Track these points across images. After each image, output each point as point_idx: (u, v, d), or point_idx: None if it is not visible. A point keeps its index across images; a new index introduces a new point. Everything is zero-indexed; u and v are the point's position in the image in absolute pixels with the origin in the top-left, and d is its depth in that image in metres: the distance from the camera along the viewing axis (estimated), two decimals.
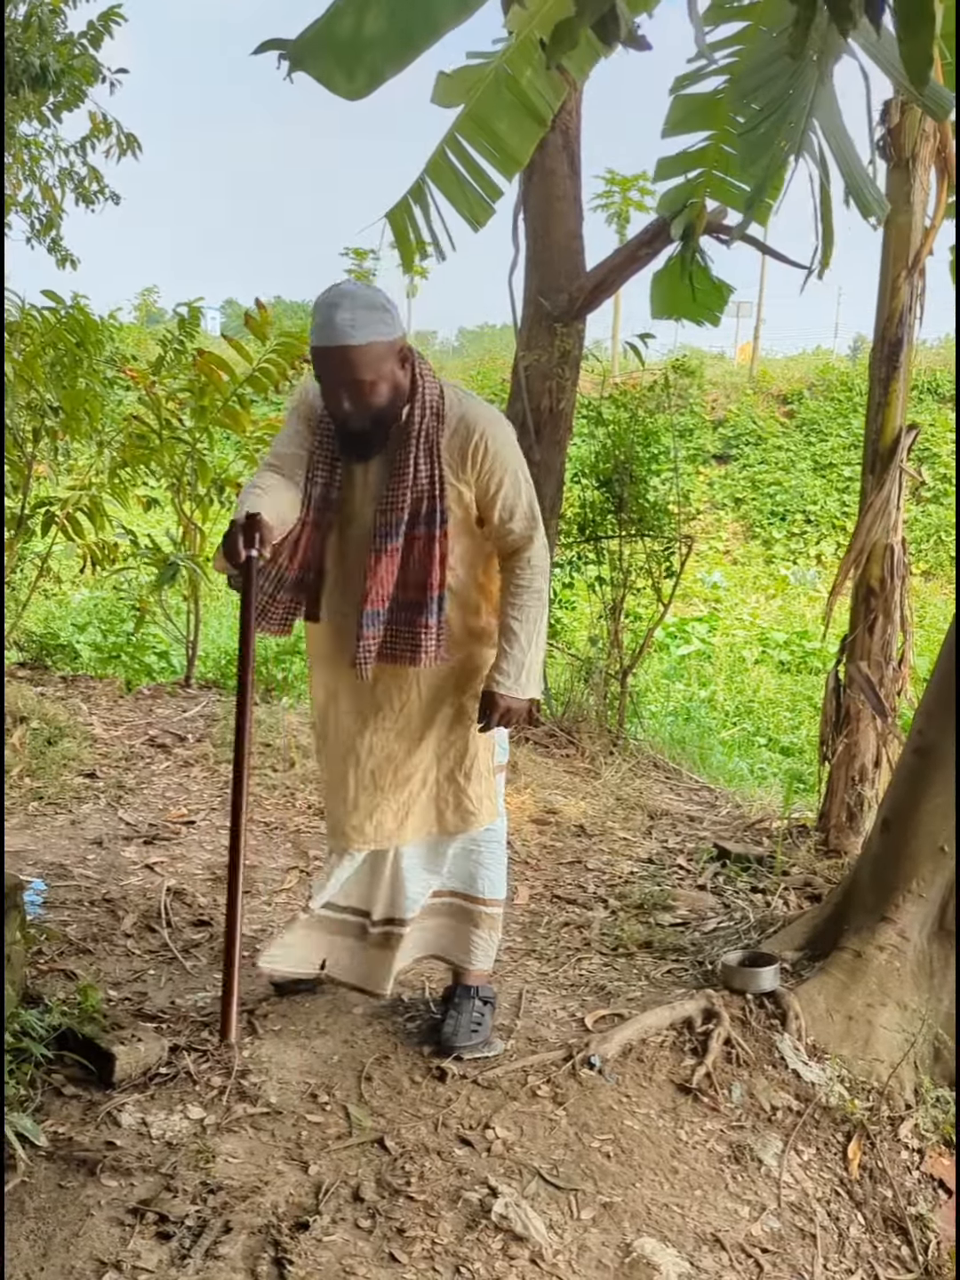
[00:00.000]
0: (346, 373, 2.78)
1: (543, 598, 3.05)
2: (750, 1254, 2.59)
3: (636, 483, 6.38)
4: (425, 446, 2.90)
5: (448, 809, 3.15)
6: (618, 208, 24.07)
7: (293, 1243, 2.42)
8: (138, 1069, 2.95)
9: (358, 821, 3.13)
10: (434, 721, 3.11)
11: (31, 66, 8.95)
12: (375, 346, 2.76)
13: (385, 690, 3.07)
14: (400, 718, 3.10)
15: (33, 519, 6.80)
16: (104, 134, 10.46)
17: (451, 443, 2.92)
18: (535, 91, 4.60)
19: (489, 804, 3.18)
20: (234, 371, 6.60)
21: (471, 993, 3.30)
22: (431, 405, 2.91)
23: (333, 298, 2.76)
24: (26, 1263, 2.33)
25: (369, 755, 3.11)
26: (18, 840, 4.47)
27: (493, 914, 3.29)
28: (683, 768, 6.22)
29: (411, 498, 2.91)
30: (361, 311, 2.73)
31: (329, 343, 2.75)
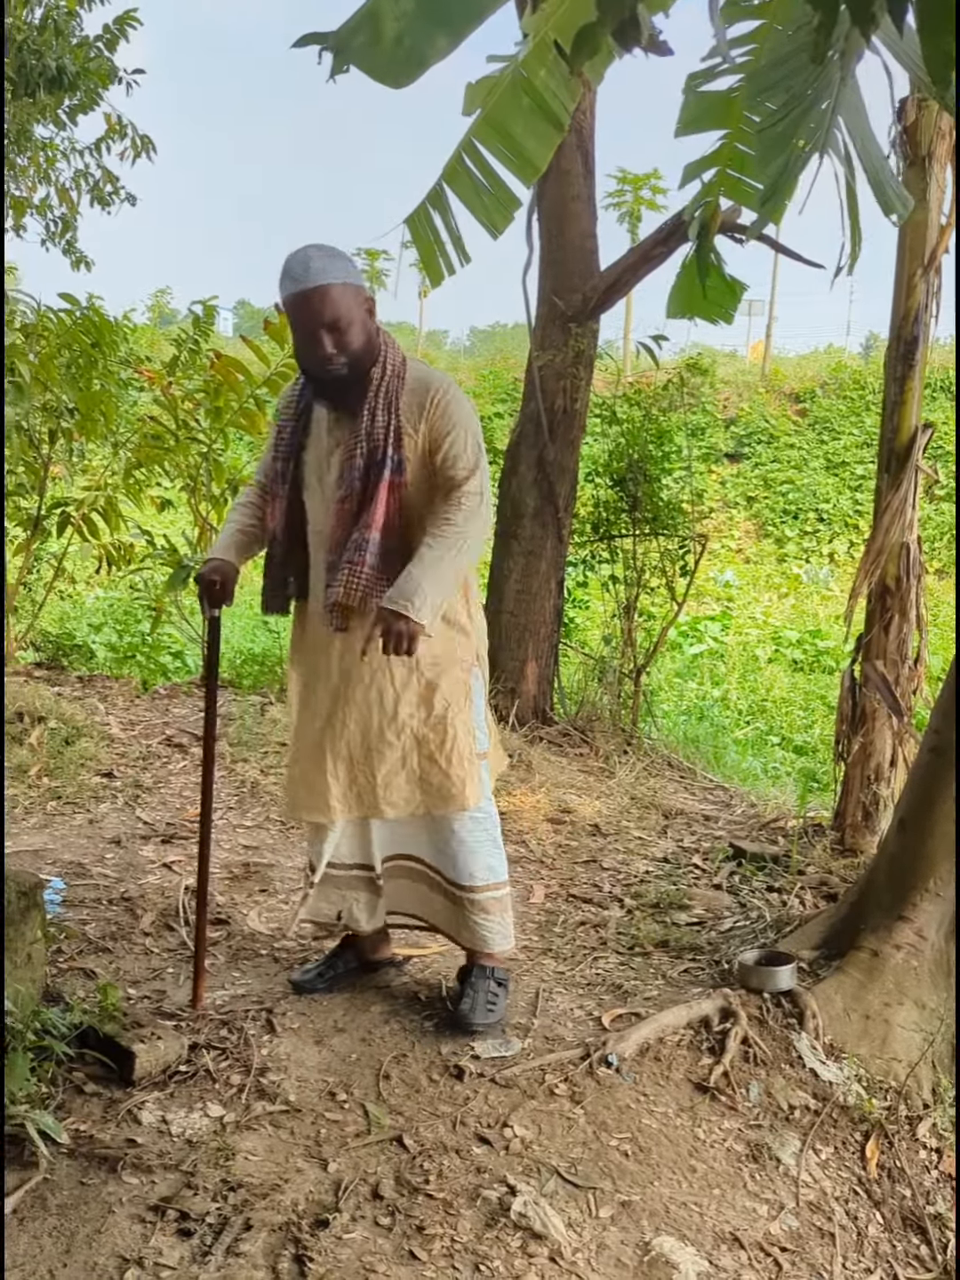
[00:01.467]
0: (328, 311, 2.93)
1: (464, 537, 3.01)
2: (769, 1253, 2.59)
3: (650, 481, 6.38)
4: (385, 401, 3.04)
5: (431, 789, 3.19)
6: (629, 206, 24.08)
7: (313, 1240, 2.43)
8: (158, 1067, 2.96)
9: (339, 791, 3.19)
10: (405, 699, 3.16)
11: (48, 69, 8.99)
12: (349, 288, 2.96)
13: (354, 660, 3.12)
14: (371, 688, 3.14)
15: (48, 519, 6.83)
16: (119, 136, 10.50)
17: (410, 400, 3.06)
18: (551, 94, 4.59)
19: (473, 786, 3.20)
20: (250, 373, 6.62)
21: (486, 972, 3.37)
22: (394, 367, 3.08)
23: (302, 252, 2.96)
24: (50, 1259, 2.34)
25: (343, 728, 3.17)
26: (37, 839, 4.49)
27: (496, 898, 3.32)
28: (697, 767, 6.22)
29: (368, 446, 3.03)
30: (331, 259, 2.95)
31: (307, 284, 2.92)
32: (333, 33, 3.27)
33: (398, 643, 2.92)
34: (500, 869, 3.33)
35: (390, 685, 3.14)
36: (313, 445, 3.18)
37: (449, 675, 3.17)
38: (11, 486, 6.89)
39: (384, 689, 3.15)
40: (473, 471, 3.06)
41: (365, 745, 3.17)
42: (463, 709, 3.20)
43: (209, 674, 3.36)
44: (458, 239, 4.91)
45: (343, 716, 3.16)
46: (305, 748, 3.27)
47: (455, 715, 3.18)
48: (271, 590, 3.27)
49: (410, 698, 3.15)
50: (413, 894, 3.44)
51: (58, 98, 9.75)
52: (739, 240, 5.53)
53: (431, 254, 4.89)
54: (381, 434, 3.02)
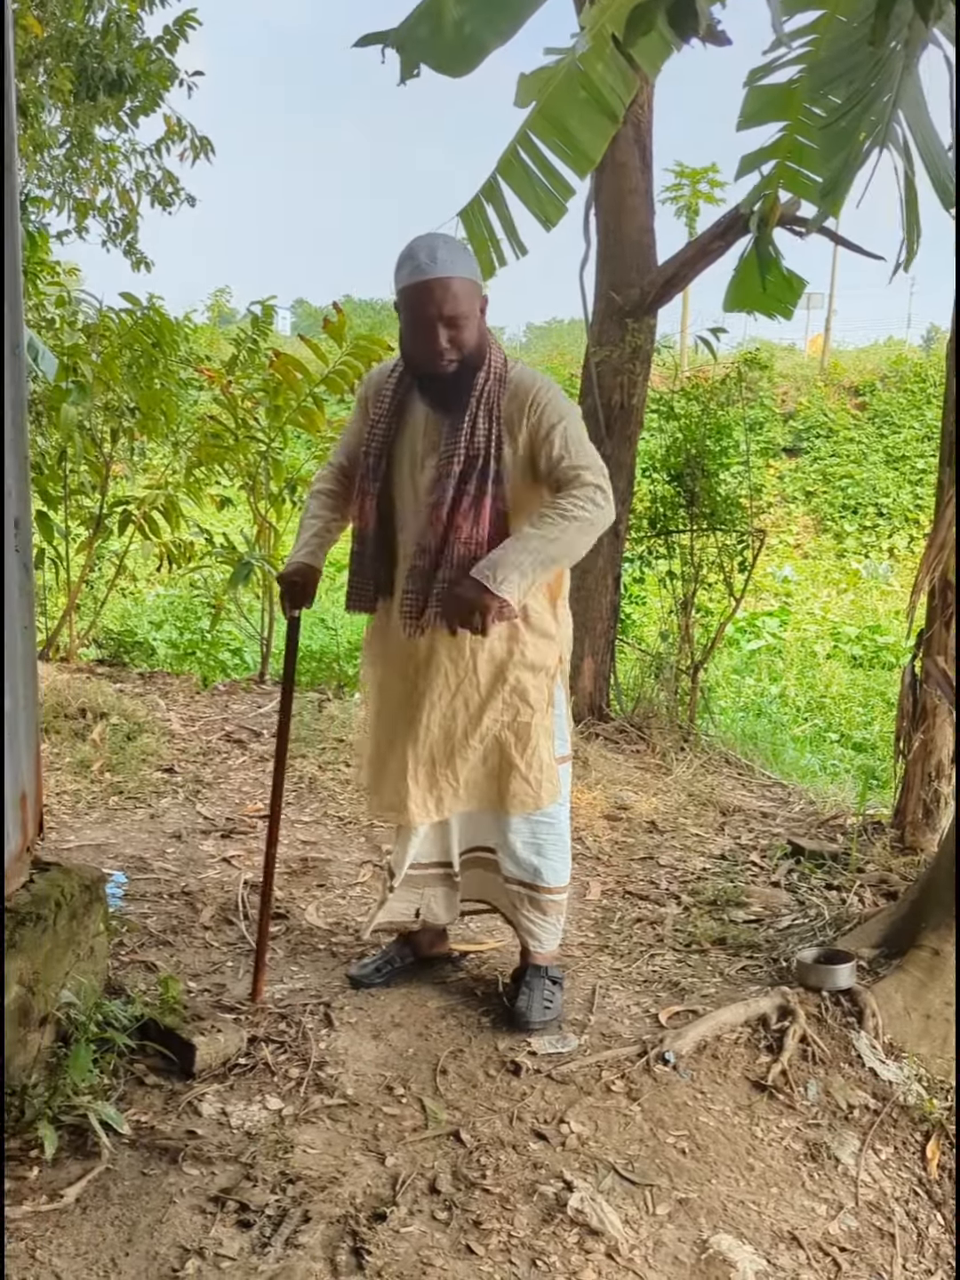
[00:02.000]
0: (448, 305, 2.85)
1: (570, 525, 2.88)
2: (828, 1252, 2.57)
3: (707, 476, 6.35)
4: (487, 407, 2.96)
5: (508, 789, 3.19)
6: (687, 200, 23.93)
7: (371, 1233, 2.45)
8: (217, 1059, 2.99)
9: (419, 795, 3.18)
10: (491, 704, 3.14)
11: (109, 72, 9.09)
12: (470, 284, 2.88)
13: (439, 665, 3.10)
14: (457, 695, 3.12)
15: (110, 518, 6.92)
16: (178, 137, 10.60)
17: (510, 405, 2.98)
18: (607, 87, 4.58)
19: (550, 787, 3.21)
20: (309, 372, 6.66)
21: (541, 972, 3.38)
22: (496, 370, 2.98)
23: (427, 240, 2.87)
24: (112, 1248, 2.38)
25: (427, 732, 3.15)
26: (99, 834, 4.55)
27: (559, 901, 3.35)
28: (755, 764, 6.18)
29: (467, 454, 2.95)
30: (458, 251, 2.88)
31: (431, 274, 2.82)
32: (393, 30, 3.29)
33: (469, 613, 2.84)
34: (563, 873, 3.33)
35: (476, 691, 3.12)
36: (406, 442, 3.10)
37: (534, 680, 3.14)
38: (74, 485, 6.99)
39: (469, 695, 3.12)
40: (587, 465, 2.95)
41: (448, 749, 3.16)
42: (545, 714, 3.19)
43: (286, 673, 3.37)
44: (512, 231, 4.92)
45: (425, 720, 3.14)
46: (384, 748, 3.26)
47: (538, 721, 3.17)
48: (359, 589, 3.19)
49: (496, 703, 3.13)
50: (484, 882, 3.46)
51: (119, 100, 9.87)
52: (798, 233, 5.48)
53: (484, 247, 4.89)
54: (483, 443, 2.95)
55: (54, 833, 4.49)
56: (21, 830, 2.95)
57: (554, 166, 4.78)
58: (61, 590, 7.35)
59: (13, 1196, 2.48)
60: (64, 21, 9.35)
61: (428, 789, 3.18)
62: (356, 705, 6.23)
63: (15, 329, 2.76)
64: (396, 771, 3.20)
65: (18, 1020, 2.74)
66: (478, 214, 4.87)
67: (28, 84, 9.17)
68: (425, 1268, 2.38)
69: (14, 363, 2.77)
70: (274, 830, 3.40)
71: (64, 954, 2.96)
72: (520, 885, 3.33)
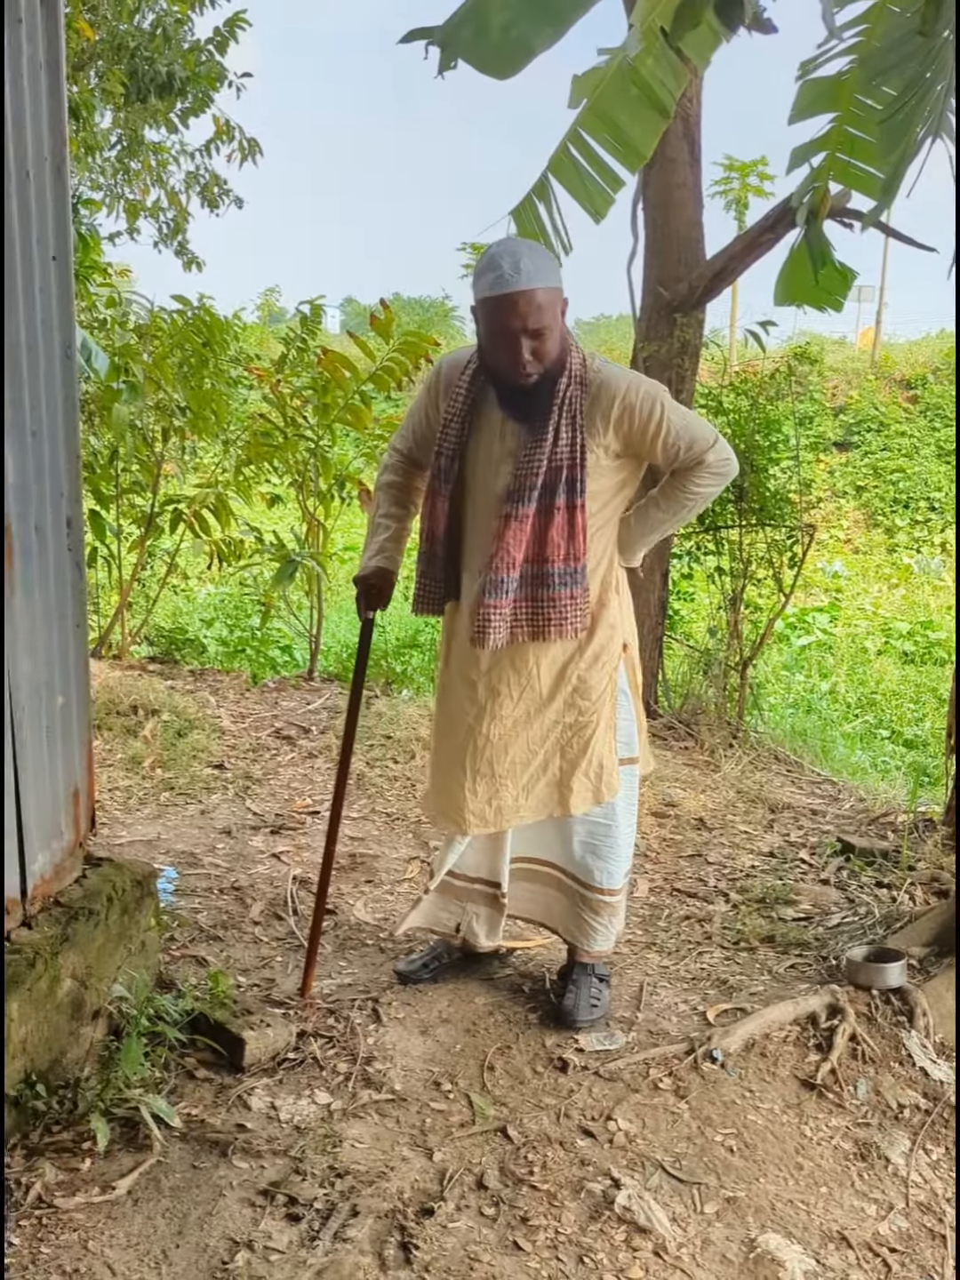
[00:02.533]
0: (533, 318, 2.78)
1: (703, 498, 3.09)
2: (878, 1253, 2.56)
3: (756, 471, 6.30)
4: (569, 415, 2.89)
5: (570, 790, 3.17)
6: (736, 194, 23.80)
7: (418, 1228, 2.46)
8: (267, 1054, 3.02)
9: (477, 807, 3.17)
10: (553, 707, 3.12)
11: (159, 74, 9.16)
12: (554, 293, 2.80)
13: (501, 675, 3.09)
14: (519, 705, 3.11)
15: (161, 516, 6.98)
16: (227, 138, 10.66)
17: (592, 410, 2.92)
18: (657, 81, 4.56)
19: (609, 780, 3.19)
20: (356, 369, 6.68)
21: (589, 970, 3.38)
22: (576, 374, 2.91)
23: (510, 247, 2.80)
24: (163, 1239, 2.41)
25: (486, 743, 3.14)
26: (151, 829, 4.60)
27: (611, 903, 3.32)
28: (804, 760, 6.14)
29: (550, 465, 2.89)
30: (542, 260, 2.79)
31: (515, 286, 2.74)
32: (438, 28, 3.29)
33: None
34: (617, 876, 3.32)
35: (538, 696, 3.10)
36: (481, 444, 3.03)
37: (597, 673, 3.13)
38: (126, 484, 7.06)
39: (530, 701, 3.11)
40: (706, 445, 2.97)
41: (509, 760, 3.15)
42: (606, 705, 3.17)
43: (357, 674, 3.34)
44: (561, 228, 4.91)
45: (485, 731, 3.13)
46: (446, 755, 3.25)
47: (600, 714, 3.15)
48: (427, 592, 3.15)
49: (557, 704, 3.12)
50: (532, 895, 3.45)
51: (169, 102, 9.95)
52: (848, 226, 5.44)
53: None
54: (565, 454, 2.89)
55: (106, 828, 4.54)
56: (74, 826, 2.99)
57: (604, 161, 4.77)
58: (114, 588, 7.43)
59: (66, 1188, 2.51)
60: (115, 24, 9.44)
61: (486, 800, 3.17)
62: (404, 702, 6.26)
63: (68, 331, 2.80)
64: (455, 781, 3.20)
65: (70, 1014, 2.78)
66: (529, 212, 4.87)
67: (80, 87, 9.26)
68: (472, 1263, 2.39)
69: (67, 365, 2.80)
70: (334, 827, 3.40)
71: (116, 948, 3.00)
72: (573, 881, 3.33)
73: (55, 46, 2.68)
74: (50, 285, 2.71)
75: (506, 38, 3.27)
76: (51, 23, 2.65)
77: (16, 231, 2.55)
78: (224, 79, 10.23)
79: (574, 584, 2.96)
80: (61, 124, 2.72)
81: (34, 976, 2.63)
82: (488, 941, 3.49)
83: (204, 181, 11.36)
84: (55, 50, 2.68)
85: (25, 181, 2.57)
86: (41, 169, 2.64)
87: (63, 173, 2.73)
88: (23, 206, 2.57)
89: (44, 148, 2.65)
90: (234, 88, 10.48)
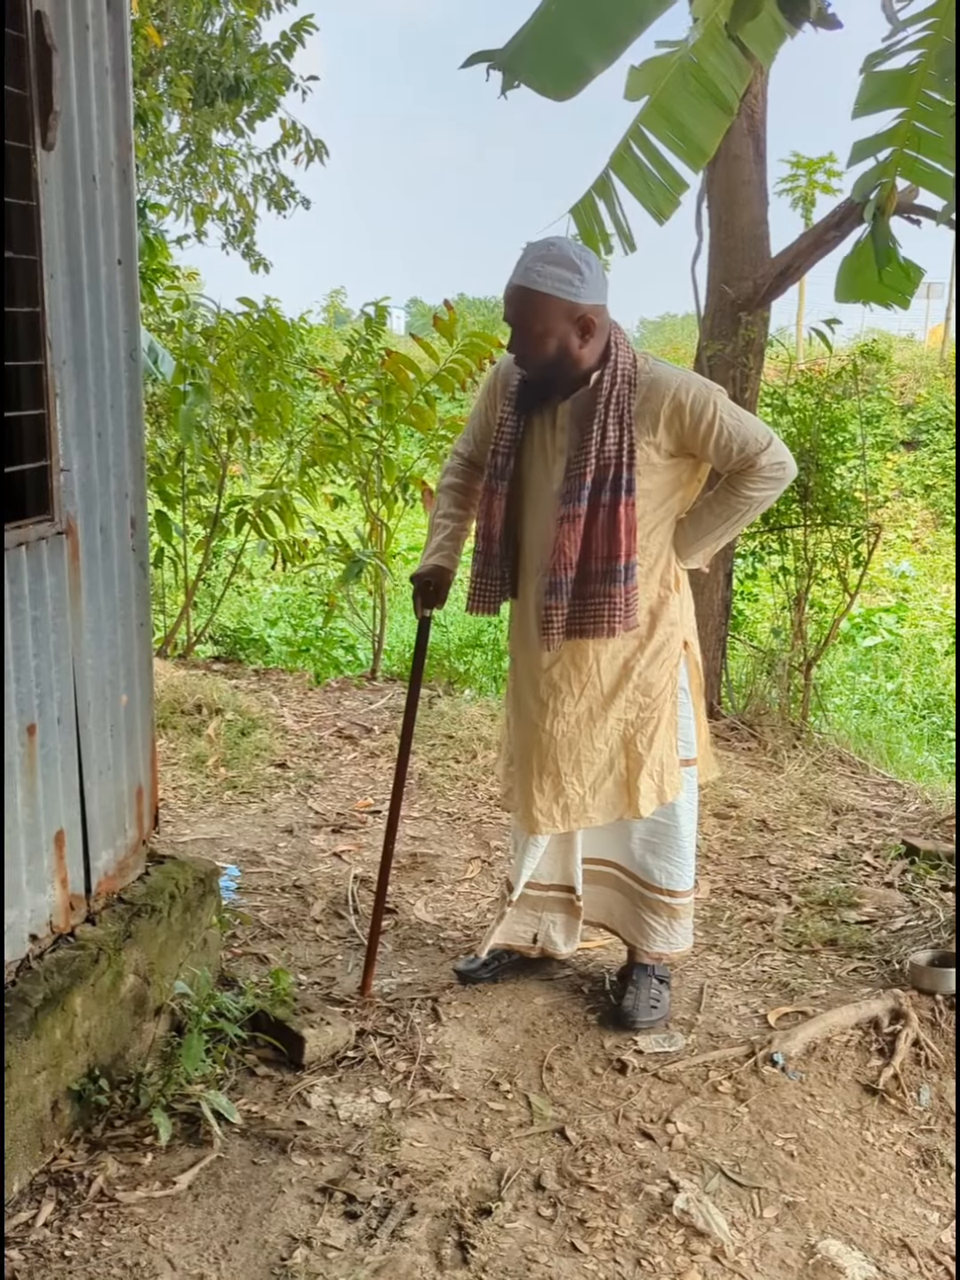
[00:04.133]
0: (516, 314, 2.87)
1: (754, 506, 3.05)
2: (940, 1261, 2.52)
3: (822, 470, 6.24)
4: (616, 414, 2.90)
5: (636, 791, 3.16)
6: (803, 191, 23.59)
7: (475, 1228, 2.47)
8: (326, 1052, 3.04)
9: (544, 806, 3.17)
10: (615, 704, 3.12)
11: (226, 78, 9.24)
12: (551, 300, 2.81)
13: (563, 671, 3.10)
14: (581, 701, 3.12)
15: (226, 517, 7.05)
16: (294, 141, 10.74)
17: (643, 408, 2.93)
18: (720, 78, 4.53)
19: (671, 780, 3.19)
20: (420, 370, 6.70)
21: (649, 971, 3.37)
22: (624, 373, 2.92)
23: (538, 245, 2.85)
24: (223, 1235, 2.43)
25: (550, 740, 3.15)
26: (214, 827, 4.64)
27: (671, 904, 3.31)
28: (869, 762, 6.06)
29: (598, 464, 2.91)
30: (552, 266, 2.80)
31: (513, 280, 2.85)
32: (499, 50, 3.31)
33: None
34: (678, 877, 3.30)
35: (600, 693, 3.11)
36: (535, 443, 3.06)
37: (658, 671, 3.13)
38: (192, 485, 7.13)
39: (593, 698, 3.12)
40: (759, 447, 2.95)
41: (574, 758, 3.15)
42: (670, 703, 3.17)
43: (414, 671, 3.38)
44: (623, 227, 4.89)
45: (550, 729, 3.14)
46: (518, 753, 3.27)
47: (662, 712, 3.15)
48: (484, 591, 3.15)
49: (620, 702, 3.13)
50: (593, 896, 3.46)
51: (236, 106, 10.04)
52: (916, 222, 5.37)
53: (594, 242, 4.87)
54: (613, 452, 2.90)
55: (170, 826, 4.59)
56: (138, 823, 3.03)
57: (666, 160, 4.74)
58: (180, 588, 7.50)
59: (127, 1182, 2.55)
60: (183, 30, 9.54)
61: (553, 798, 3.17)
62: (466, 702, 6.26)
63: (133, 334, 2.83)
64: (522, 779, 3.21)
65: (133, 1009, 2.81)
66: (589, 210, 4.85)
67: (149, 92, 9.37)
68: (530, 1264, 2.39)
69: (132, 367, 2.84)
70: (393, 825, 3.42)
71: (178, 945, 3.03)
72: (633, 881, 3.33)
73: (121, 52, 2.71)
74: (115, 288, 2.75)
75: (566, 58, 3.28)
76: (117, 28, 2.69)
77: (83, 235, 2.59)
78: (290, 82, 10.31)
79: (618, 581, 2.95)
80: (127, 129, 2.76)
81: (98, 972, 2.66)
82: (566, 949, 3.49)
83: (271, 184, 11.44)
84: (121, 55, 2.72)
85: (92, 186, 2.61)
86: (108, 173, 2.68)
87: (128, 177, 2.76)
88: (89, 211, 2.61)
89: (110, 152, 2.69)
90: (300, 91, 10.55)
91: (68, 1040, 2.58)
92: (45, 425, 2.51)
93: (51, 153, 2.44)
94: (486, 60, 3.32)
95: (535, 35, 3.27)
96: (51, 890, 2.65)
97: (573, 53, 3.28)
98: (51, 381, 2.50)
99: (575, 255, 2.81)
